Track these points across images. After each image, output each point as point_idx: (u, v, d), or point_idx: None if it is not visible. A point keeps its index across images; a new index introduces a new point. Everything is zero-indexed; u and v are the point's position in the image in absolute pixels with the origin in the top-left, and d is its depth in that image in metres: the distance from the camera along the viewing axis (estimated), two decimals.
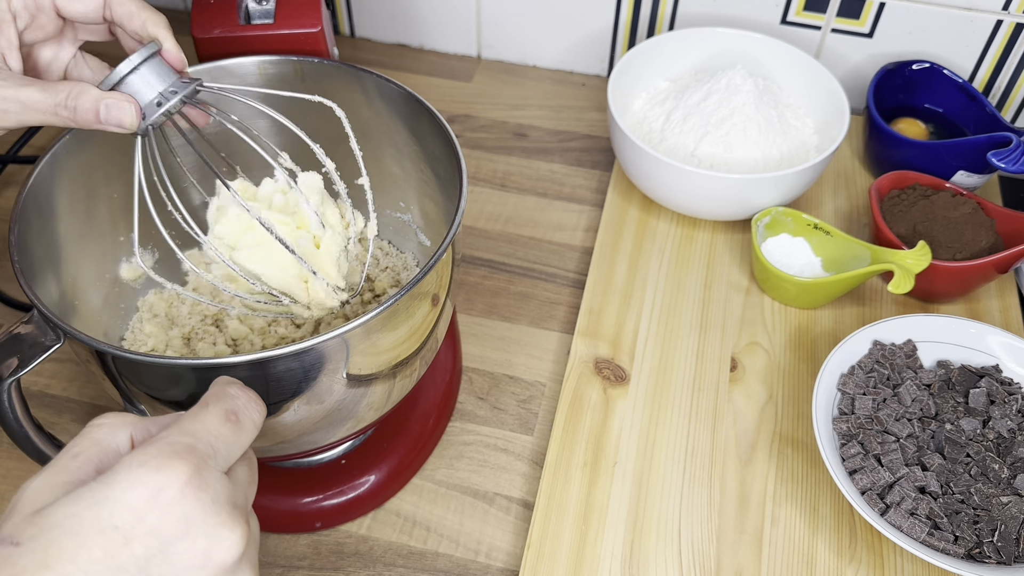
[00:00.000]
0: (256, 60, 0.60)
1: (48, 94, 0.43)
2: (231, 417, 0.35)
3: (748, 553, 0.58)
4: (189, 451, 0.32)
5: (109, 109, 0.44)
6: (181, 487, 0.31)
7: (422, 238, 0.66)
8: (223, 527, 0.31)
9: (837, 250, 0.72)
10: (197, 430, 0.33)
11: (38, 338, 0.45)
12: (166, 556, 0.30)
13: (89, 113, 0.44)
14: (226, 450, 0.34)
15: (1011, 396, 0.61)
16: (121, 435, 0.34)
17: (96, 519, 0.30)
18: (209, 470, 0.32)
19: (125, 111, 0.44)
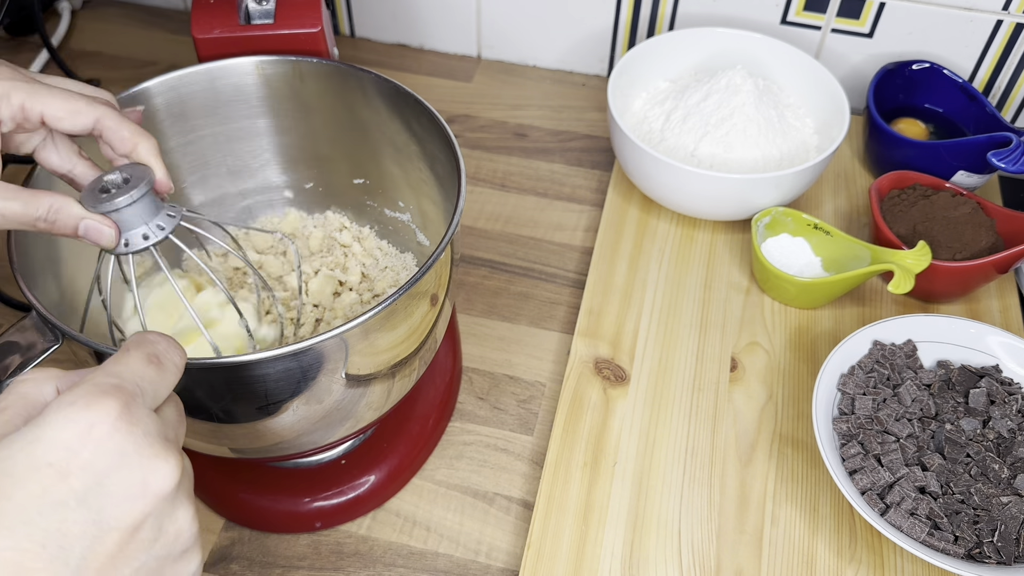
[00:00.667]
0: (255, 60, 0.60)
1: (29, 208, 0.43)
2: (153, 360, 0.35)
3: (748, 553, 0.58)
4: (117, 389, 0.32)
5: (88, 230, 0.45)
6: (112, 422, 0.31)
7: (421, 238, 0.66)
8: (157, 458, 0.32)
9: (837, 250, 0.72)
10: (122, 371, 0.34)
11: (37, 339, 0.45)
12: (103, 488, 0.31)
13: (68, 229, 0.45)
14: (152, 390, 0.35)
15: (1011, 396, 0.61)
16: (47, 387, 0.34)
17: (30, 458, 0.30)
18: (137, 406, 0.33)
19: (104, 235, 0.45)
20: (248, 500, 0.60)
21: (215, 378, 0.45)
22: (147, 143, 0.47)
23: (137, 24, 1.01)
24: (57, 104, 0.45)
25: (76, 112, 0.45)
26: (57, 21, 0.99)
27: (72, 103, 0.45)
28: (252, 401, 0.46)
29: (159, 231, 0.47)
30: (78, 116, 0.46)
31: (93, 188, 0.46)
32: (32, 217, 0.44)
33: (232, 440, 0.50)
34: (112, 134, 0.47)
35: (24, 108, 0.44)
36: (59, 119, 0.45)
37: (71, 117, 0.46)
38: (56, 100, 0.45)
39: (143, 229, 0.46)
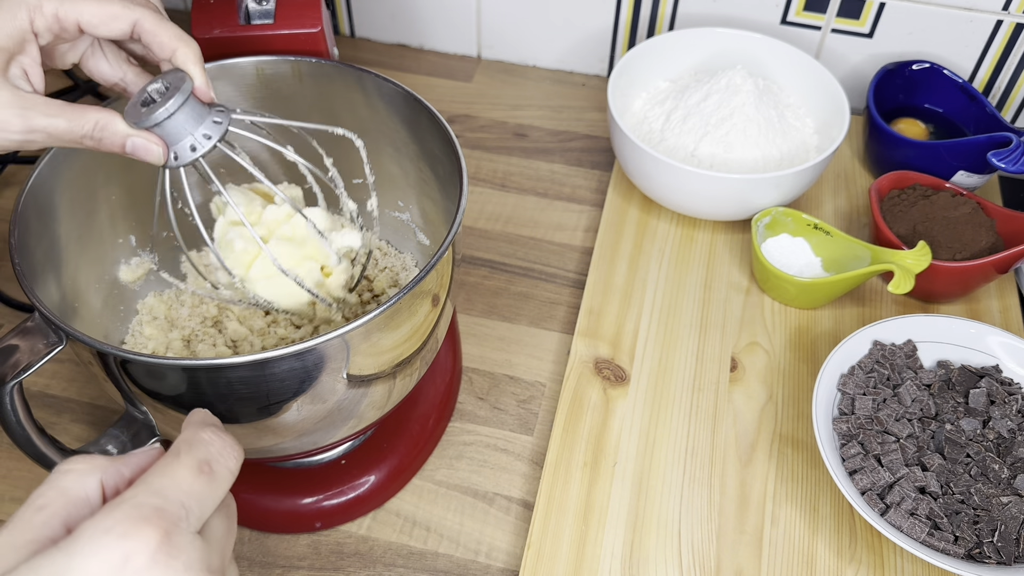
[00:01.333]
0: (255, 60, 0.60)
1: (75, 124, 0.42)
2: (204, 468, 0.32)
3: (748, 553, 0.58)
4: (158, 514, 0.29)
5: (136, 147, 0.44)
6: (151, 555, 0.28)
7: (421, 238, 0.66)
8: None
9: (837, 250, 0.72)
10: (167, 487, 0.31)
11: (40, 340, 0.45)
12: None
13: (115, 146, 0.43)
14: (199, 507, 0.31)
15: (1011, 396, 0.61)
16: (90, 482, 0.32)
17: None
18: (181, 533, 0.30)
19: (151, 151, 0.44)
20: (248, 500, 0.60)
21: (217, 378, 0.45)
22: (187, 48, 0.45)
23: None
24: (92, 9, 0.43)
25: (112, 16, 0.44)
26: None
27: (108, 7, 0.43)
28: (254, 401, 0.46)
29: (205, 140, 0.45)
30: (115, 21, 0.44)
31: (136, 101, 0.45)
32: (78, 134, 0.43)
33: None
34: (151, 38, 0.45)
35: (58, 17, 0.42)
36: (94, 25, 0.43)
37: (108, 22, 0.44)
38: (91, 5, 0.43)
39: (189, 140, 0.45)
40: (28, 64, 0.43)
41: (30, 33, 0.42)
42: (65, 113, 0.42)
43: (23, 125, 0.41)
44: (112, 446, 0.53)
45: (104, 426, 0.65)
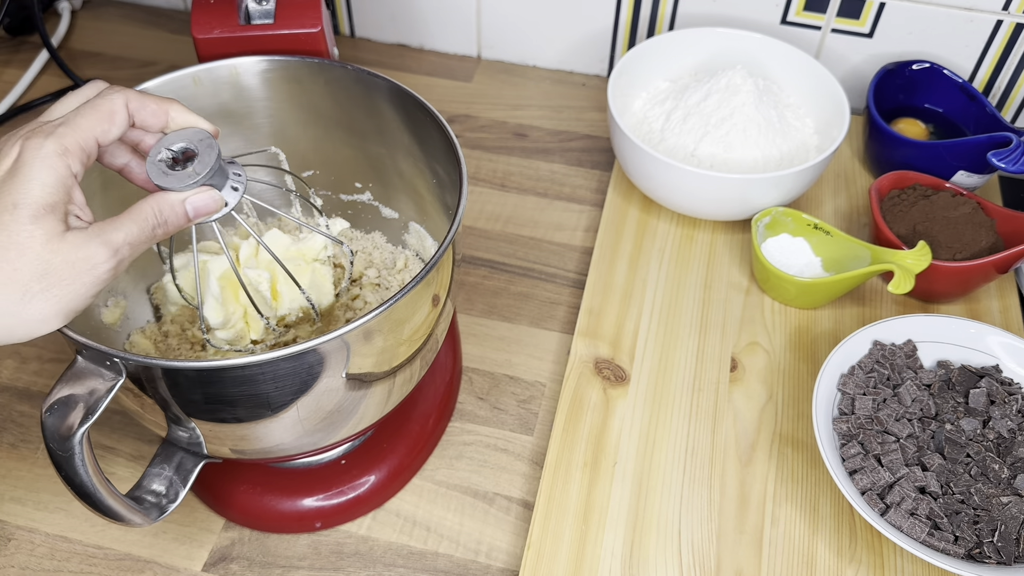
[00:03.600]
0: (256, 60, 0.60)
1: (141, 223, 0.43)
2: None
3: (748, 553, 0.58)
4: None
5: (197, 207, 0.45)
6: None
7: (421, 237, 0.66)
8: None
9: (837, 250, 0.72)
10: None
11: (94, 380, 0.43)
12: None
13: (180, 219, 0.45)
14: None
15: (1011, 396, 0.61)
16: None
17: None
18: None
19: (214, 202, 0.46)
20: (248, 500, 0.60)
21: (216, 379, 0.45)
22: (176, 105, 0.47)
23: (137, 24, 1.01)
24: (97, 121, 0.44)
25: (112, 113, 0.45)
26: (57, 21, 0.99)
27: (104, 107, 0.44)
28: (254, 402, 0.46)
29: (239, 179, 0.47)
30: (115, 115, 0.45)
31: (160, 172, 0.45)
32: (149, 229, 0.44)
33: (233, 441, 0.50)
34: (143, 112, 0.46)
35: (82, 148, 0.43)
36: (107, 132, 0.44)
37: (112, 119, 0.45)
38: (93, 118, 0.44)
39: (229, 182, 0.47)
40: (79, 208, 0.43)
41: (71, 179, 0.43)
42: (127, 218, 0.43)
43: (108, 251, 0.42)
44: (158, 485, 0.52)
45: (111, 428, 0.65)
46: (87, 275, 0.41)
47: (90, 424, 0.42)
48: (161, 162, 0.46)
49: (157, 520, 0.50)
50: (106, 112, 0.44)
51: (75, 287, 0.41)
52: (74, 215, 0.43)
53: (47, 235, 0.40)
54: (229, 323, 0.55)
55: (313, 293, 0.55)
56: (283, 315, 0.56)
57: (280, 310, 0.55)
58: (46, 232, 0.40)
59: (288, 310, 0.56)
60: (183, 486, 0.52)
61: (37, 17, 0.86)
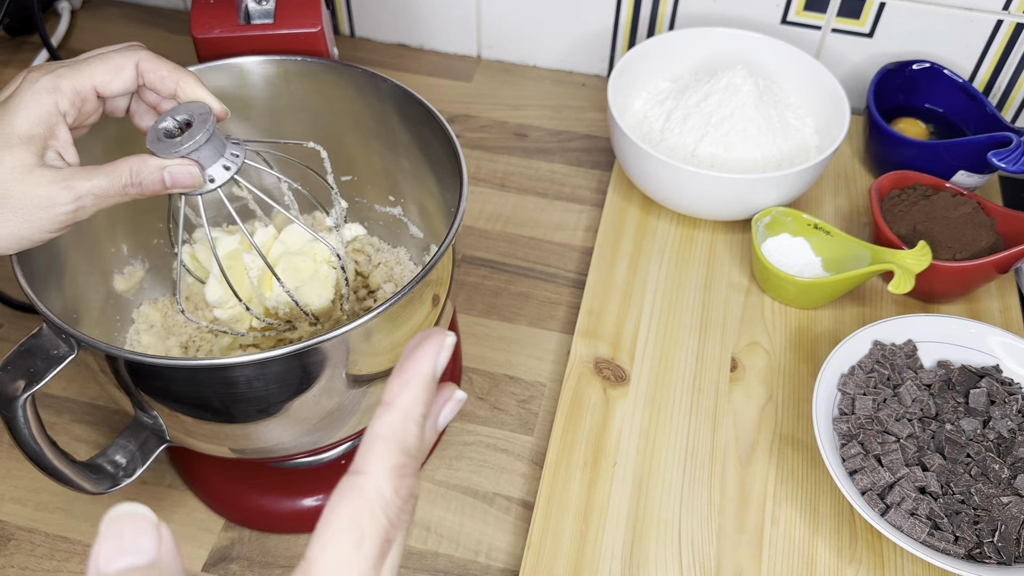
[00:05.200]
0: (256, 60, 0.60)
1: (114, 177, 0.44)
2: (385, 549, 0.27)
3: (748, 553, 0.58)
4: None
5: (175, 177, 0.45)
6: None
7: (414, 231, 0.66)
8: None
9: (837, 250, 0.72)
10: None
11: (50, 350, 0.45)
12: None
13: (156, 184, 0.45)
14: None
15: (1011, 396, 0.61)
16: None
17: None
18: None
19: (193, 175, 0.46)
20: (248, 500, 0.60)
21: (216, 378, 0.45)
22: (189, 76, 0.48)
23: (137, 24, 1.01)
24: (100, 70, 0.45)
25: (119, 68, 0.46)
26: (57, 21, 0.99)
27: (112, 61, 0.46)
28: (253, 402, 0.46)
29: (235, 159, 0.47)
30: (122, 71, 0.46)
31: (156, 138, 0.46)
32: (120, 185, 0.44)
33: (232, 440, 0.50)
34: (152, 75, 0.47)
35: (76, 90, 0.45)
36: (108, 83, 0.46)
37: (117, 75, 0.46)
38: (98, 67, 0.45)
39: (221, 161, 0.47)
40: (61, 147, 0.45)
41: (57, 116, 0.44)
42: (102, 171, 0.44)
43: (70, 195, 0.43)
44: (120, 456, 0.52)
45: (104, 425, 0.65)
46: (44, 212, 0.43)
47: (34, 390, 0.44)
48: (161, 129, 0.46)
49: (107, 491, 0.52)
50: (113, 65, 0.46)
51: (29, 220, 0.43)
52: (55, 151, 0.44)
53: (15, 164, 0.42)
54: (228, 303, 0.55)
55: (309, 293, 0.55)
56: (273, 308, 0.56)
57: (268, 302, 0.55)
58: (16, 161, 0.42)
59: (276, 303, 0.55)
60: (142, 463, 0.53)
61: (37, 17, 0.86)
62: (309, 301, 0.55)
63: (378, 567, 0.27)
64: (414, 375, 0.29)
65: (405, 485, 0.28)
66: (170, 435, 0.52)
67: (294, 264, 0.55)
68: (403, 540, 0.29)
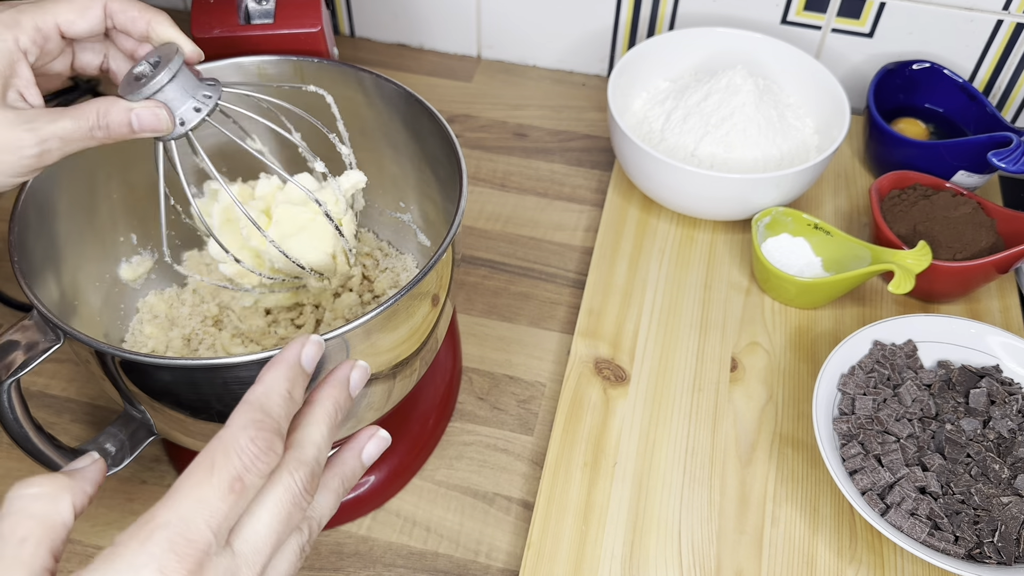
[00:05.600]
0: (256, 60, 0.60)
1: (81, 120, 0.43)
2: (235, 486, 0.32)
3: (748, 553, 0.58)
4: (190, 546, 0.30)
5: (142, 119, 0.44)
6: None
7: (422, 238, 0.66)
8: None
9: (837, 250, 0.72)
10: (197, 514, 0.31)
11: (38, 338, 0.45)
12: None
13: (123, 127, 0.44)
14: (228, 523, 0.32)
15: (1011, 396, 0.61)
16: (63, 506, 0.32)
17: None
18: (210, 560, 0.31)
19: (160, 118, 0.44)
20: None
21: (216, 378, 0.45)
22: (160, 16, 0.47)
23: None
24: (64, 8, 0.44)
25: (85, 8, 0.45)
26: None
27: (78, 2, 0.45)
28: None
29: (207, 100, 0.46)
30: (88, 11, 0.45)
31: (127, 82, 0.45)
32: (86, 128, 0.43)
33: None
34: (122, 16, 0.46)
35: (38, 27, 0.43)
36: (72, 22, 0.45)
37: (83, 14, 0.45)
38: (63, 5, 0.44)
39: (191, 103, 0.45)
40: (23, 86, 0.44)
41: (17, 53, 0.43)
42: (68, 113, 0.43)
43: (35, 137, 0.42)
44: (111, 445, 0.53)
45: (104, 425, 0.65)
46: (8, 155, 0.42)
47: (20, 375, 0.44)
48: (134, 73, 0.45)
49: None
50: (79, 4, 0.45)
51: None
52: (16, 91, 0.43)
53: None
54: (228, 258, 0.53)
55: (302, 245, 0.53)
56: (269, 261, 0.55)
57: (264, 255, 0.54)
58: None
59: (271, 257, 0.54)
60: (130, 454, 0.53)
61: None
62: (302, 254, 0.53)
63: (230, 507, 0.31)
64: (278, 359, 0.37)
65: (262, 437, 0.33)
66: (158, 428, 0.52)
67: (292, 215, 0.53)
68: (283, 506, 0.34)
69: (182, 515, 0.31)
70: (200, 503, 0.31)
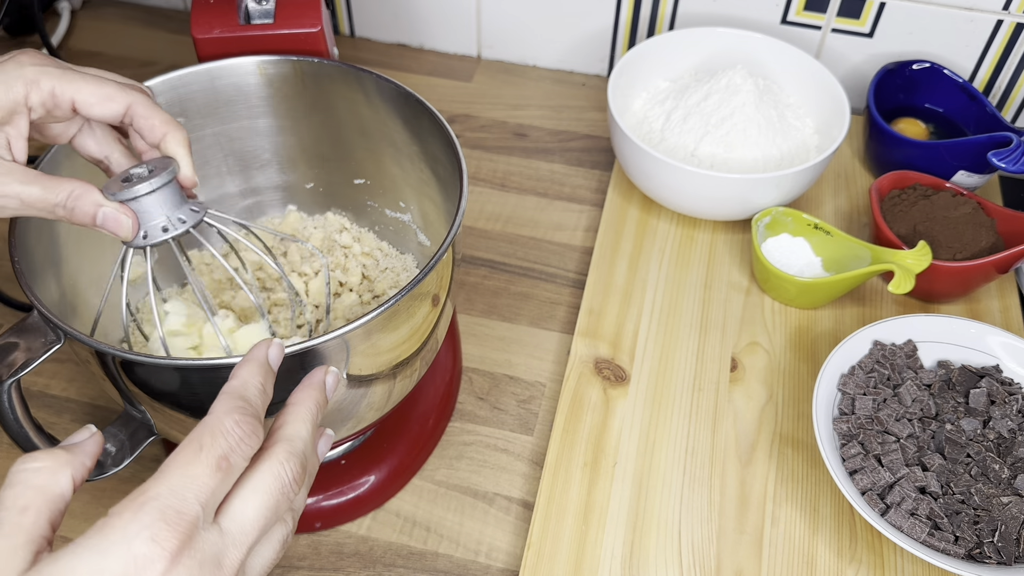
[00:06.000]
0: (256, 60, 0.60)
1: (49, 193, 0.43)
2: (222, 464, 0.33)
3: (748, 553, 0.58)
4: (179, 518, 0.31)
5: (106, 219, 0.44)
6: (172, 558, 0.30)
7: (422, 238, 0.66)
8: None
9: (837, 250, 0.72)
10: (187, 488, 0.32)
11: (38, 338, 0.45)
12: None
13: (86, 217, 0.43)
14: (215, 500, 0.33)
15: (1011, 396, 0.61)
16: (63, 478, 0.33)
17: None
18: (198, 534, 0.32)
19: (122, 224, 0.44)
20: None
21: (216, 378, 0.45)
22: (177, 134, 0.46)
23: (137, 24, 1.01)
24: (88, 89, 0.44)
25: (108, 98, 0.44)
26: (57, 21, 0.99)
27: (104, 88, 0.44)
28: None
29: (180, 224, 0.46)
30: (109, 102, 0.45)
31: (117, 179, 0.45)
32: (51, 203, 0.43)
33: None
34: (143, 122, 0.46)
35: (54, 94, 0.43)
36: (90, 105, 0.44)
37: (102, 103, 0.44)
38: (87, 85, 0.44)
39: (163, 221, 0.45)
40: (14, 136, 0.43)
41: (23, 106, 0.43)
42: (40, 181, 0.43)
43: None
44: (111, 445, 0.53)
45: (104, 425, 0.65)
46: None
47: (21, 376, 0.44)
48: (129, 171, 0.45)
49: (93, 479, 0.51)
50: (104, 93, 0.45)
51: None
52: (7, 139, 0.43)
53: None
54: None
55: None
56: None
57: None
58: None
59: None
60: (131, 454, 0.53)
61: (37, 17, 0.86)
62: None
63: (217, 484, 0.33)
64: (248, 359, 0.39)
65: (246, 421, 0.35)
66: (158, 429, 0.52)
67: None
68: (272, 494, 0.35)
69: (172, 488, 0.32)
70: (189, 478, 0.32)
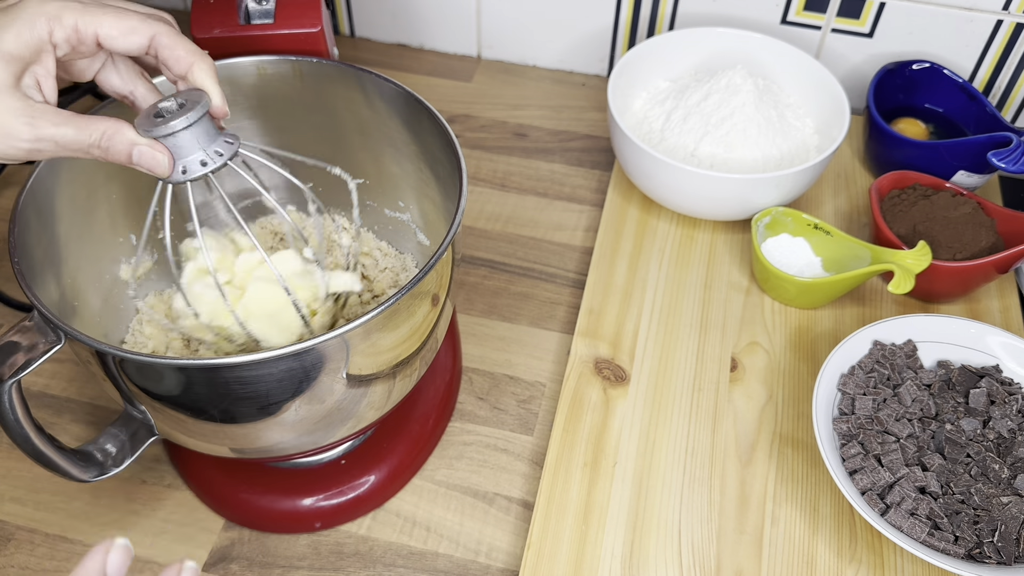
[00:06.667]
0: (255, 60, 0.60)
1: (83, 134, 0.42)
2: None
3: (748, 553, 0.58)
4: None
5: (142, 156, 0.44)
6: None
7: (421, 238, 0.66)
8: None
9: (837, 250, 0.72)
10: None
11: (39, 339, 0.45)
12: None
13: (121, 156, 0.43)
14: None
15: (1011, 396, 0.61)
16: None
17: None
18: None
19: (159, 162, 0.44)
20: (248, 500, 0.60)
21: (216, 378, 0.45)
22: (204, 63, 0.46)
23: None
24: (111, 22, 0.43)
25: (131, 30, 0.44)
26: None
27: (127, 20, 0.44)
28: (253, 401, 0.46)
29: (218, 157, 0.45)
30: (133, 34, 0.44)
31: (148, 114, 0.45)
32: (85, 143, 0.43)
33: (232, 440, 0.50)
34: (167, 52, 0.45)
35: (78, 29, 0.43)
36: (113, 38, 0.44)
37: (125, 35, 0.44)
38: (110, 18, 0.43)
39: (200, 155, 0.45)
40: (42, 75, 0.43)
41: (48, 44, 0.42)
42: (73, 122, 0.42)
43: (32, 134, 0.42)
44: (111, 445, 0.53)
45: (104, 426, 0.65)
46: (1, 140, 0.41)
47: (21, 376, 0.44)
48: (159, 106, 0.45)
49: (93, 480, 0.52)
50: (127, 25, 0.44)
51: None
52: (34, 77, 0.42)
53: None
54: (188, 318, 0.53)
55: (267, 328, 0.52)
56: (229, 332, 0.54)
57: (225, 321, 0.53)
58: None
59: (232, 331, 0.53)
60: (131, 454, 0.53)
61: None
62: (265, 335, 0.52)
63: None
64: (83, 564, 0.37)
65: None
66: (158, 429, 0.52)
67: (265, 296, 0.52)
68: None
69: None
70: None
